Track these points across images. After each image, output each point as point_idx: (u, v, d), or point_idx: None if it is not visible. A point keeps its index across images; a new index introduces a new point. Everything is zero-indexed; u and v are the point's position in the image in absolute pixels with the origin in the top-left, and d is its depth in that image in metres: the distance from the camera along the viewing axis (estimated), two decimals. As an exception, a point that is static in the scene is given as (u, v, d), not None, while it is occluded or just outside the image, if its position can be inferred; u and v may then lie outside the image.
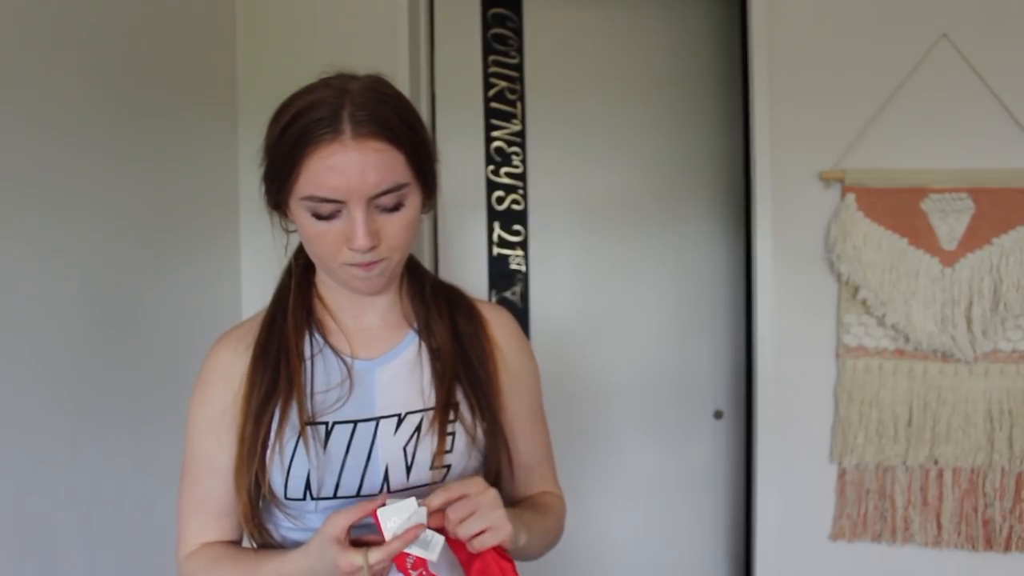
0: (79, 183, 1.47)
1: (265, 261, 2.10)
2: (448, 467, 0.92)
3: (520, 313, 2.37)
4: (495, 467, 0.97)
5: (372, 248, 0.85)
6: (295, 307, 0.95)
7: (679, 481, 2.37)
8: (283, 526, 0.95)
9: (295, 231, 0.92)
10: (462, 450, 0.93)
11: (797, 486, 2.02)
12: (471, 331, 0.98)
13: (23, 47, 1.33)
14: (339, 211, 0.84)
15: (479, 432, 0.95)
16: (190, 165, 1.87)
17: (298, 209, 0.86)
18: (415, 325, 0.98)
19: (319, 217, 0.85)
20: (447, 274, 2.33)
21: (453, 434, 0.93)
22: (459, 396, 0.94)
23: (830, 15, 1.99)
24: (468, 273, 2.36)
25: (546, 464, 1.13)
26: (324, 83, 0.86)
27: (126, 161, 1.62)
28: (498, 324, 1.02)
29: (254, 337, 0.95)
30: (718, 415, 2.35)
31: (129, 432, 1.60)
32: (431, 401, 0.93)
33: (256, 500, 0.92)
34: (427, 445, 0.91)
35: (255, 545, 0.97)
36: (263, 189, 0.90)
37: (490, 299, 2.35)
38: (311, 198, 0.83)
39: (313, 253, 0.90)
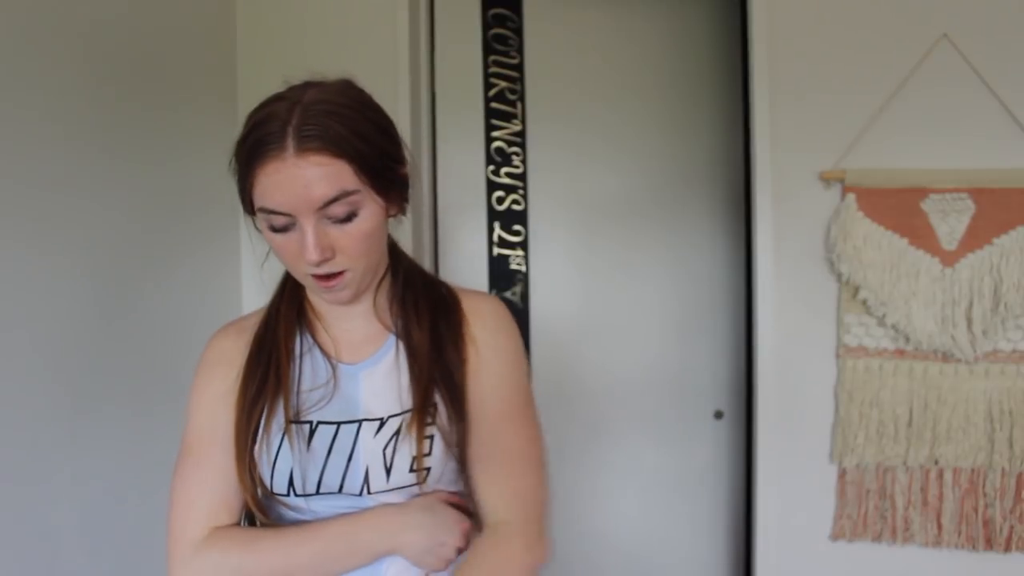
0: (79, 182, 1.47)
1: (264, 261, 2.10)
2: (428, 470, 0.92)
3: (520, 313, 2.37)
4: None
5: (325, 260, 0.86)
6: (287, 308, 0.98)
7: (679, 481, 2.37)
8: (286, 514, 0.96)
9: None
10: (439, 454, 0.93)
11: (797, 486, 2.02)
12: (451, 334, 0.96)
13: (23, 47, 1.33)
14: (292, 224, 0.86)
15: (454, 436, 0.93)
16: (190, 165, 1.87)
17: (260, 221, 0.89)
18: (394, 330, 0.97)
19: (275, 230, 0.87)
20: (447, 274, 2.33)
21: (431, 437, 0.92)
22: (437, 399, 0.94)
23: (830, 15, 1.99)
24: (468, 273, 2.36)
25: (492, 463, 0.94)
26: (280, 96, 0.87)
27: (126, 160, 1.62)
28: (476, 317, 0.99)
29: (252, 333, 0.98)
30: (718, 415, 2.35)
31: (129, 431, 1.60)
32: (409, 404, 0.94)
33: (256, 490, 0.94)
34: (405, 449, 0.91)
35: None
36: (238, 192, 0.93)
37: (490, 299, 2.35)
38: (263, 210, 0.86)
39: (284, 263, 0.92)
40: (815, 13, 1.99)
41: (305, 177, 0.82)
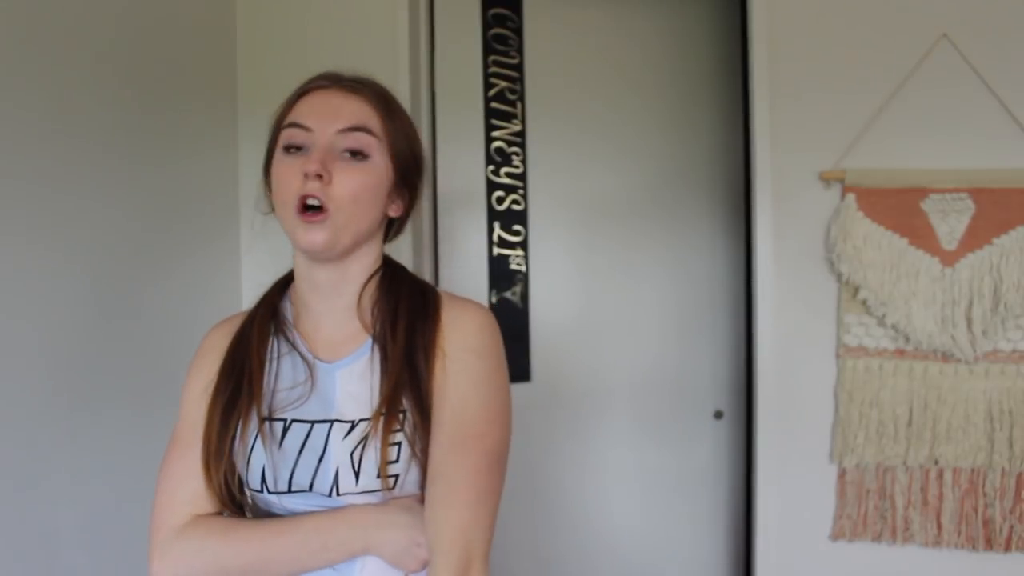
0: (79, 182, 1.47)
1: (265, 261, 2.10)
2: (396, 476, 0.91)
3: (520, 313, 2.37)
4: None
5: (319, 179, 0.90)
6: (264, 313, 1.01)
7: (679, 481, 2.37)
8: (263, 510, 0.98)
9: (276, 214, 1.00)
10: (405, 461, 0.92)
11: (797, 486, 2.02)
12: (422, 339, 0.95)
13: (24, 48, 1.33)
14: (308, 145, 0.92)
15: (419, 443, 0.92)
16: (190, 165, 1.87)
17: (277, 149, 0.95)
18: (373, 331, 0.98)
19: (289, 148, 0.93)
20: (447, 274, 2.33)
21: (399, 444, 0.92)
22: (407, 405, 0.93)
23: (830, 15, 1.99)
24: (468, 273, 2.36)
25: (433, 494, 0.89)
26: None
27: (126, 161, 1.62)
28: (453, 332, 0.96)
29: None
30: (718, 415, 2.35)
31: (129, 431, 1.60)
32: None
33: (228, 491, 0.95)
34: (372, 453, 0.91)
35: None
36: (264, 163, 1.00)
37: (490, 299, 2.35)
38: (289, 124, 0.94)
39: (279, 202, 0.94)
40: (815, 13, 1.99)
41: (342, 103, 0.94)
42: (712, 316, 2.36)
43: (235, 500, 0.96)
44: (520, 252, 2.38)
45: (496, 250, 2.37)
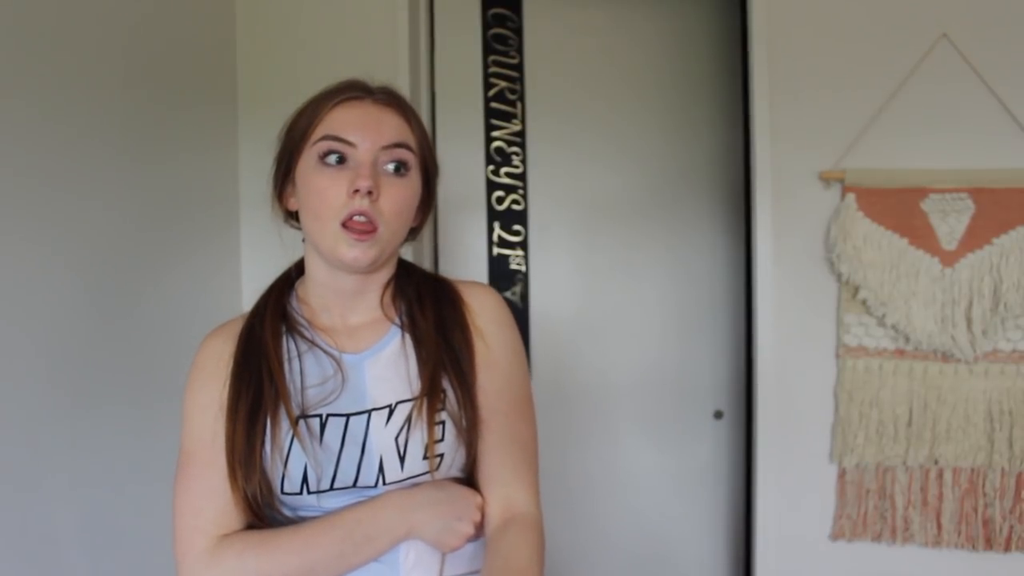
0: (80, 182, 1.47)
1: (265, 260, 2.10)
2: (441, 456, 0.93)
3: (520, 313, 2.37)
4: (474, 454, 0.97)
5: (370, 195, 0.89)
6: (272, 314, 0.98)
7: (679, 481, 2.37)
8: (280, 516, 0.95)
9: (290, 222, 1.01)
10: (451, 440, 0.93)
11: (797, 486, 2.02)
12: (454, 320, 0.99)
13: (24, 48, 1.33)
14: (348, 159, 0.91)
15: (464, 421, 0.94)
16: (190, 164, 1.87)
17: (307, 161, 0.92)
18: (397, 321, 0.99)
19: (328, 160, 0.91)
20: (447, 274, 2.33)
21: (443, 423, 0.93)
22: (446, 385, 0.95)
23: (830, 15, 1.99)
24: (468, 273, 2.36)
25: (509, 454, 0.97)
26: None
27: (127, 160, 1.62)
28: (481, 309, 1.02)
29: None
30: (718, 415, 2.35)
31: (128, 431, 1.60)
32: (418, 391, 0.94)
33: (256, 499, 0.91)
34: (417, 435, 0.92)
35: None
36: (272, 171, 0.98)
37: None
38: (326, 137, 0.91)
39: (314, 215, 0.92)
40: (815, 13, 1.99)
41: (381, 117, 0.93)
42: (712, 316, 2.36)
43: (263, 512, 0.92)
44: (520, 252, 2.38)
45: (496, 250, 2.38)
